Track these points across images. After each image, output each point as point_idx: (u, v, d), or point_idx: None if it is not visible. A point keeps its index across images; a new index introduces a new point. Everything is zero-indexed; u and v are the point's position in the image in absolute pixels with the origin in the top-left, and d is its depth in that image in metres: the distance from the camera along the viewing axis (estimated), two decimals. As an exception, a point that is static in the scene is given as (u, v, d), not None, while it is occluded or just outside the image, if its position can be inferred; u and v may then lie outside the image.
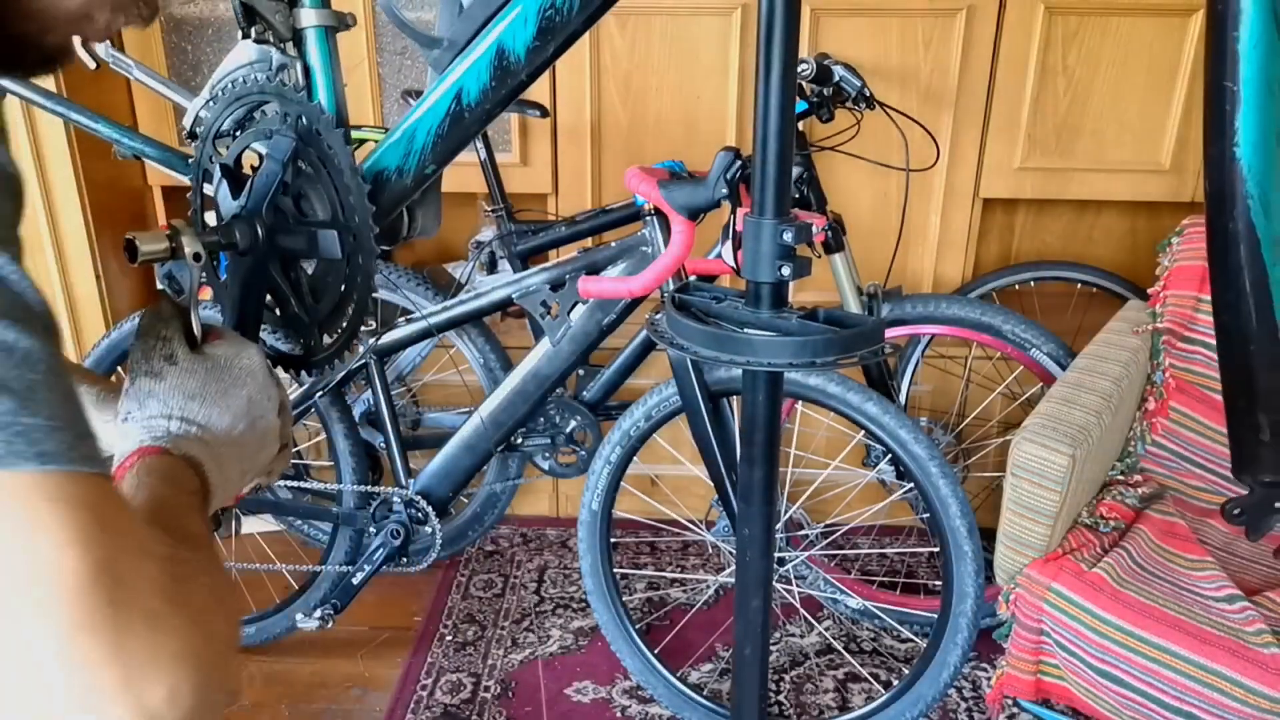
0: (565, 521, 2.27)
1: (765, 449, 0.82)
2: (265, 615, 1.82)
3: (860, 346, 0.71)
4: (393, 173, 0.78)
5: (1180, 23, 1.87)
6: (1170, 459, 1.64)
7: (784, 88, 0.66)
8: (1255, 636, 1.18)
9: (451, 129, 0.76)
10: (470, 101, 0.75)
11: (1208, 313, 1.65)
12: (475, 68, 0.74)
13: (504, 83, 0.74)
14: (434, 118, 0.76)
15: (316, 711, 1.68)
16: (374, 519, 1.66)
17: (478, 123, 0.77)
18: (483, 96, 0.74)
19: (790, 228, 0.69)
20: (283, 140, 0.73)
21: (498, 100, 0.75)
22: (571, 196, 2.07)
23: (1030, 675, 1.36)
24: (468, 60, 0.74)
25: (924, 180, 1.97)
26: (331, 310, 0.78)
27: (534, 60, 0.72)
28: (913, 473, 1.43)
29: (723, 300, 0.78)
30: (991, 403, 1.98)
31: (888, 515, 1.99)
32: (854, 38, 1.91)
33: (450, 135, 0.77)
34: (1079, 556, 1.34)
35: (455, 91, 0.75)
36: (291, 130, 0.73)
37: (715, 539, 1.98)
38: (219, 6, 1.96)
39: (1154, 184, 2.00)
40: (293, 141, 0.73)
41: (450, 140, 0.77)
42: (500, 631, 1.89)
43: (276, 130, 0.74)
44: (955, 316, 1.71)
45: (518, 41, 0.72)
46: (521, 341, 2.02)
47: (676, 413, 1.54)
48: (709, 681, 1.75)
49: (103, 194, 1.98)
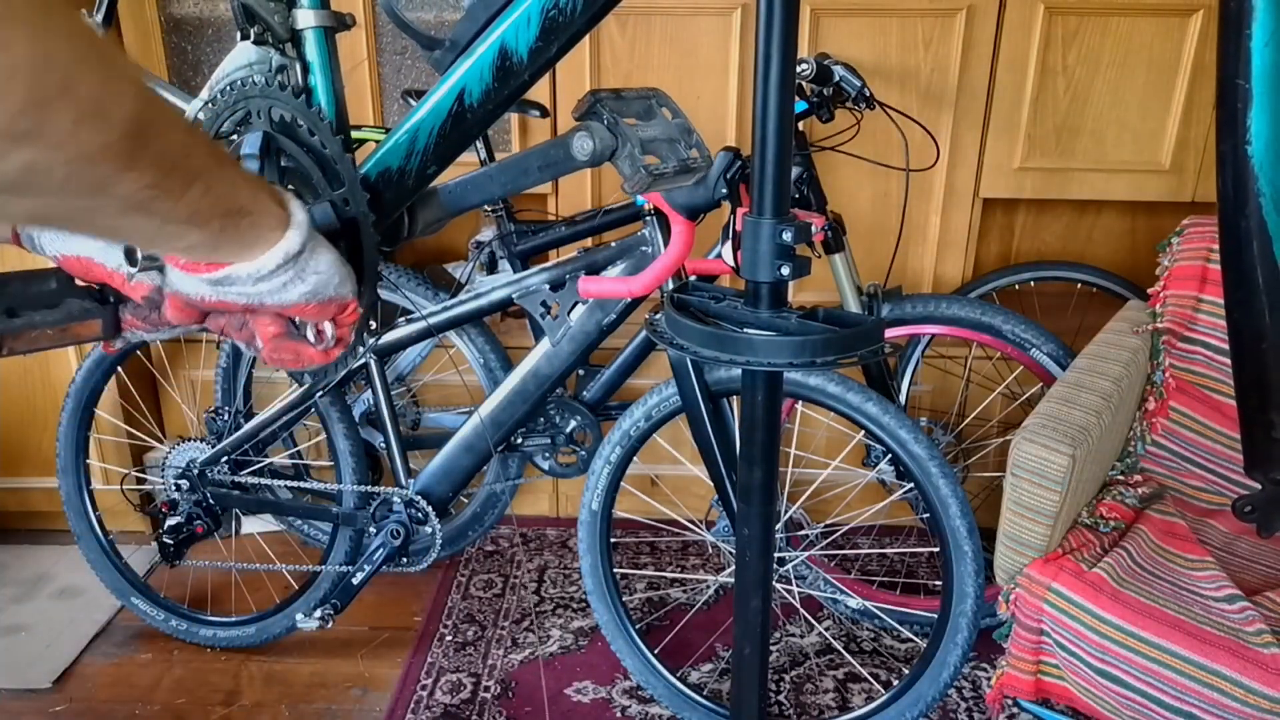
0: (565, 521, 2.27)
1: (765, 449, 0.82)
2: (265, 615, 1.82)
3: (860, 346, 0.71)
4: (395, 173, 0.78)
5: (1180, 23, 1.88)
6: (1170, 459, 1.64)
7: (783, 88, 0.66)
8: (1255, 636, 1.18)
9: (454, 129, 0.76)
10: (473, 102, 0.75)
11: (1208, 313, 1.65)
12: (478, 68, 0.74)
13: (507, 83, 0.74)
14: (436, 118, 0.76)
15: (316, 711, 1.68)
16: (374, 519, 1.66)
17: (480, 123, 0.77)
18: (485, 97, 0.74)
19: (789, 227, 0.69)
20: (253, 136, 0.72)
21: (500, 101, 0.75)
22: (571, 196, 2.07)
23: (1030, 675, 1.36)
24: (470, 60, 0.74)
25: (924, 180, 1.97)
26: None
27: (537, 60, 0.72)
28: (913, 473, 1.43)
29: (722, 300, 0.78)
30: (991, 403, 1.98)
31: (888, 515, 1.99)
32: (854, 38, 1.92)
33: (453, 136, 0.76)
34: (1079, 556, 1.34)
35: (458, 92, 0.75)
36: (265, 123, 0.73)
37: (715, 539, 1.98)
38: (219, 6, 1.96)
39: (1154, 184, 2.00)
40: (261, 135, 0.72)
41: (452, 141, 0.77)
42: (500, 631, 1.89)
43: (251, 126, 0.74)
44: (955, 316, 1.71)
45: (520, 42, 0.72)
46: (521, 341, 2.03)
47: (676, 413, 1.54)
48: (709, 681, 1.75)
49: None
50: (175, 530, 1.68)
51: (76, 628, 1.89)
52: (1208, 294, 1.65)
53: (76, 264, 0.63)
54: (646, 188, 0.96)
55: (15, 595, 1.99)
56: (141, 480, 2.12)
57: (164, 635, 1.87)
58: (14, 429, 2.08)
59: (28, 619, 1.92)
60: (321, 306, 0.59)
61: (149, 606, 1.86)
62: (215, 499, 1.71)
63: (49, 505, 2.06)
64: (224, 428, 1.75)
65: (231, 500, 1.72)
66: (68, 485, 1.86)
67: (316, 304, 0.59)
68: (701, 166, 1.04)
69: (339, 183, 0.71)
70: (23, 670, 1.77)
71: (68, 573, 2.05)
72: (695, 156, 1.04)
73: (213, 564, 1.95)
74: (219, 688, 1.74)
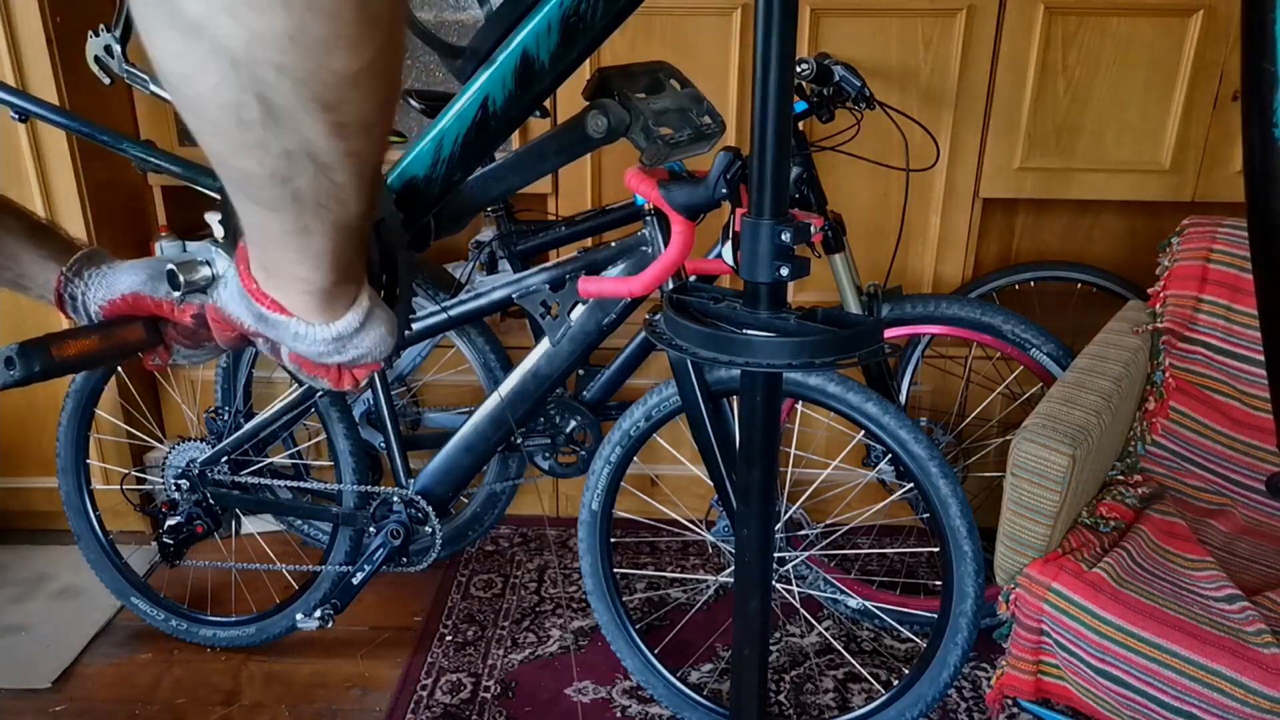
0: (565, 521, 2.27)
1: (765, 449, 0.82)
2: (265, 615, 1.82)
3: (859, 346, 0.71)
4: (422, 181, 0.79)
5: (1180, 23, 1.87)
6: (1170, 459, 1.64)
7: (782, 88, 0.66)
8: (1255, 636, 1.18)
9: (478, 136, 0.77)
10: (497, 109, 0.76)
11: (1208, 313, 1.65)
12: (500, 75, 0.74)
13: (530, 89, 0.75)
14: (461, 125, 0.77)
15: (316, 711, 1.68)
16: (374, 519, 1.66)
17: (504, 129, 0.77)
18: (509, 103, 0.75)
19: (788, 228, 0.69)
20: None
21: (523, 107, 0.76)
22: (571, 196, 2.07)
23: (1030, 675, 1.36)
24: (492, 68, 0.75)
25: (924, 180, 1.97)
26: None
27: (559, 65, 0.73)
28: (913, 473, 1.43)
29: (722, 300, 0.78)
30: (991, 403, 1.98)
31: (888, 515, 1.99)
32: (854, 38, 1.91)
33: (477, 142, 0.77)
34: (1079, 556, 1.34)
35: (481, 99, 0.76)
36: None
37: (715, 539, 1.98)
38: (219, 7, 1.96)
39: (1154, 184, 2.00)
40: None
41: (477, 147, 0.78)
42: (500, 631, 1.89)
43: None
44: (955, 316, 1.71)
45: (542, 48, 0.72)
46: (521, 341, 2.03)
47: (676, 413, 1.54)
48: (709, 681, 1.75)
49: (104, 194, 1.98)
50: (175, 530, 1.68)
51: (76, 628, 1.89)
52: (1208, 294, 1.65)
53: (124, 303, 0.64)
54: (665, 159, 0.95)
55: (15, 595, 1.99)
56: (141, 480, 2.12)
57: (164, 635, 1.87)
58: (14, 429, 2.08)
59: (28, 619, 1.92)
60: (347, 369, 0.60)
61: (149, 606, 1.86)
62: (215, 499, 1.71)
63: (49, 505, 2.06)
64: (224, 427, 1.75)
65: (231, 500, 1.72)
66: (68, 485, 1.86)
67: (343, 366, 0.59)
68: (716, 131, 1.03)
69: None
70: (23, 670, 1.77)
71: (68, 573, 2.05)
72: (708, 123, 1.03)
73: (213, 564, 1.95)
74: (219, 688, 1.74)
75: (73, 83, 1.85)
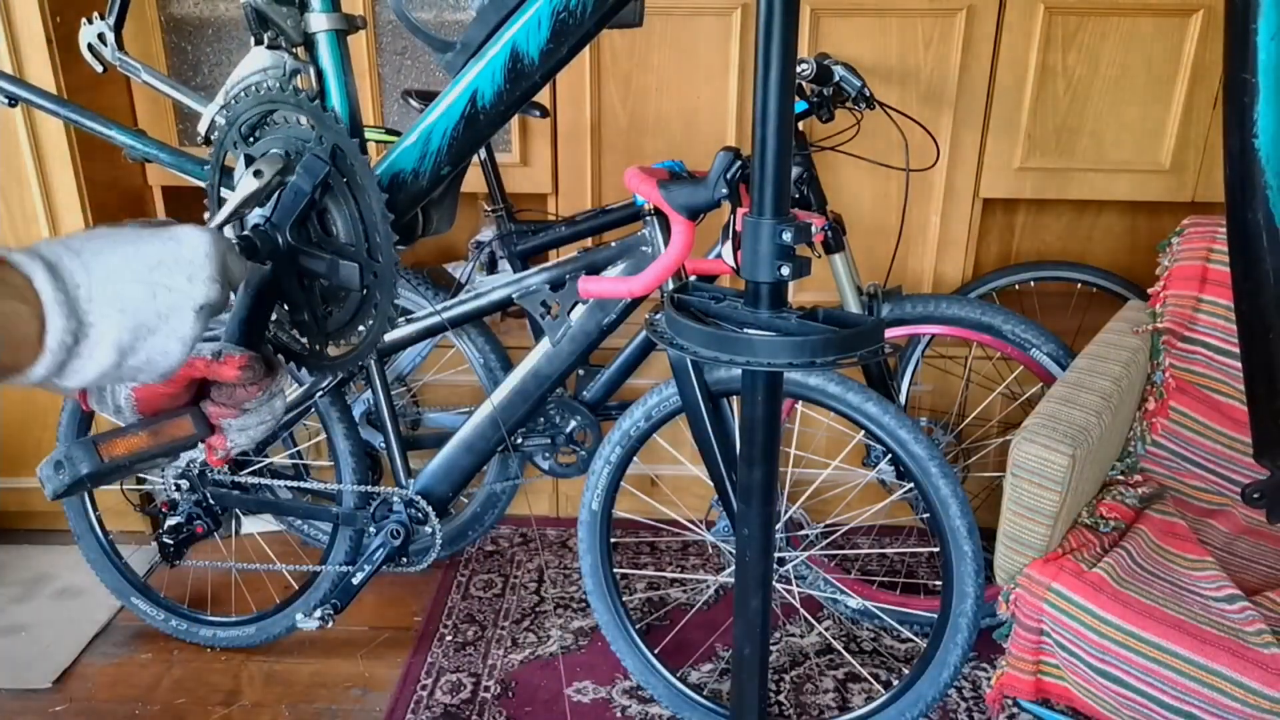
0: (565, 521, 2.27)
1: (765, 449, 0.82)
2: (265, 615, 1.82)
3: (860, 346, 0.71)
4: (409, 175, 0.79)
5: (1180, 23, 1.87)
6: (1170, 459, 1.64)
7: (783, 88, 0.66)
8: (1255, 636, 1.18)
9: (466, 131, 0.77)
10: (485, 104, 0.75)
11: (1208, 313, 1.65)
12: (489, 71, 0.74)
13: (518, 85, 0.74)
14: (449, 120, 0.77)
15: (316, 711, 1.68)
16: (374, 519, 1.66)
17: (492, 124, 0.77)
18: (497, 99, 0.75)
19: (789, 228, 0.69)
20: (316, 163, 0.72)
21: (512, 102, 0.75)
22: (571, 196, 2.07)
23: (1030, 675, 1.36)
24: (481, 63, 0.74)
25: (924, 180, 1.97)
26: (341, 328, 0.78)
27: (547, 62, 0.73)
28: (913, 473, 1.43)
29: (722, 300, 0.78)
30: (991, 403, 1.98)
31: (888, 515, 1.99)
32: (854, 38, 1.92)
33: (465, 137, 0.77)
34: (1079, 556, 1.34)
35: (470, 94, 0.75)
36: (327, 155, 0.72)
37: (715, 539, 1.98)
38: (219, 6, 1.96)
39: (1154, 184, 2.00)
40: (326, 167, 0.72)
41: (465, 142, 0.77)
42: (500, 631, 1.89)
43: (310, 150, 0.73)
44: (955, 316, 1.71)
45: (531, 44, 0.72)
46: (521, 341, 2.03)
47: (676, 413, 1.54)
48: (709, 681, 1.75)
49: (104, 194, 1.98)
50: (175, 530, 1.68)
51: (76, 628, 1.89)
52: (1208, 294, 1.65)
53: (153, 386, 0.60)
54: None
55: (15, 595, 1.99)
56: (141, 480, 2.12)
57: (164, 635, 1.87)
58: (14, 429, 2.08)
59: (28, 619, 1.92)
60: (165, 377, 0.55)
61: (149, 606, 1.86)
62: (215, 499, 1.71)
63: (49, 505, 2.06)
64: (224, 428, 1.74)
65: (231, 500, 1.72)
66: (68, 485, 1.85)
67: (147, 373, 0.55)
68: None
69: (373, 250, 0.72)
70: (23, 670, 1.77)
71: (68, 573, 2.05)
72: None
73: (213, 564, 1.94)
74: (219, 688, 1.74)
75: (73, 83, 1.85)
